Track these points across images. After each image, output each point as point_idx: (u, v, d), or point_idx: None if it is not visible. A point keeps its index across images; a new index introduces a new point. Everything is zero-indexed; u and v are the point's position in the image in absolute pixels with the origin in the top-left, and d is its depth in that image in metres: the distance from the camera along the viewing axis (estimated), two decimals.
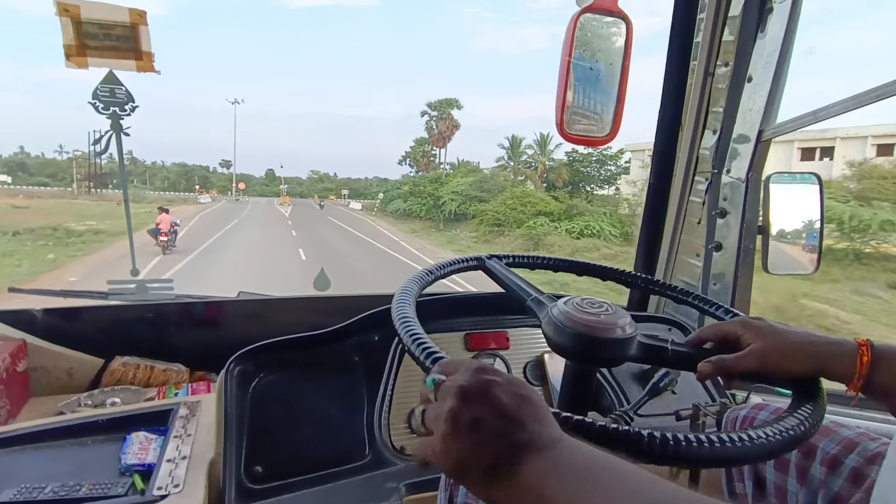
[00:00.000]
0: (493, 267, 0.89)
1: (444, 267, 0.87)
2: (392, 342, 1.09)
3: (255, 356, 0.99)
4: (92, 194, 38.75)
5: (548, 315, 0.73)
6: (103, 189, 46.17)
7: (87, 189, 41.86)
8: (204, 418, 1.02)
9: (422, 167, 48.12)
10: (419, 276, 0.83)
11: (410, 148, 51.50)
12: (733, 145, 1.30)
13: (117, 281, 1.45)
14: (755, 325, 0.68)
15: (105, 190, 46.43)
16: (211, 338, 1.45)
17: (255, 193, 71.77)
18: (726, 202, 1.32)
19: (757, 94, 1.24)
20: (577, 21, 1.29)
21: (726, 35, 1.30)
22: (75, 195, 40.56)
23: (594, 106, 1.42)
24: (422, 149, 49.64)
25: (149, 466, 0.88)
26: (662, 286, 0.96)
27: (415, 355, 0.61)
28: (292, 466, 0.93)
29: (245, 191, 67.87)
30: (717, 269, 1.35)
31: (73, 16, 1.17)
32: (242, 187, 64.76)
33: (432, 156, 50.33)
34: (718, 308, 0.86)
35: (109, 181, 52.51)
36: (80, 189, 42.91)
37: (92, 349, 1.32)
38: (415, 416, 0.49)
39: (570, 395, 0.78)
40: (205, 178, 71.89)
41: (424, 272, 0.84)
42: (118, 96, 1.34)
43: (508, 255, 0.94)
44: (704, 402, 1.07)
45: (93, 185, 43.41)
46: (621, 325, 0.70)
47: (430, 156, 49.86)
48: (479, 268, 0.91)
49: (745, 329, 0.69)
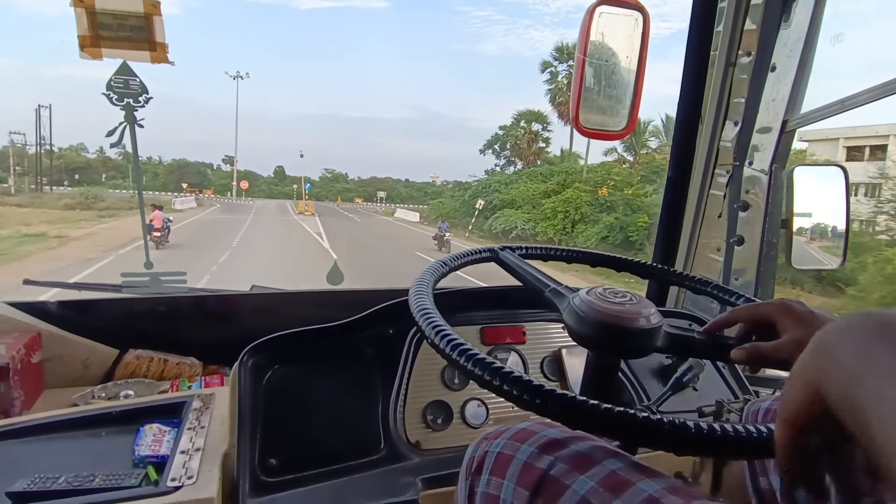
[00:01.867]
0: (507, 258, 0.87)
1: (458, 258, 0.85)
2: (407, 335, 1.08)
3: (269, 348, 0.97)
4: (35, 194, 31.14)
5: (569, 305, 0.71)
6: (57, 187, 37.85)
7: (35, 187, 34.35)
8: (217, 411, 1.01)
9: (528, 159, 34.81)
10: (434, 267, 0.81)
11: (507, 127, 36.19)
12: (756, 136, 1.27)
13: (131, 273, 1.45)
14: (796, 310, 0.62)
15: (60, 188, 37.56)
16: (224, 331, 1.44)
17: (261, 194, 60.85)
18: (748, 195, 1.29)
19: (781, 83, 1.21)
20: (592, 13, 1.27)
21: (748, 24, 1.27)
22: (11, 192, 31.32)
23: (610, 99, 1.40)
24: (527, 129, 34.52)
25: (162, 458, 0.87)
26: (679, 276, 0.94)
27: (438, 347, 0.60)
28: (307, 459, 0.92)
29: (249, 191, 56.81)
30: (738, 264, 1.32)
31: (88, 6, 1.17)
32: (245, 186, 52.79)
33: (545, 140, 35.01)
34: (739, 297, 0.84)
35: (67, 177, 43.31)
36: (21, 185, 33.82)
37: (106, 341, 1.32)
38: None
39: (592, 388, 0.76)
40: (202, 175, 60.76)
41: (439, 263, 0.82)
42: (132, 87, 1.33)
43: (521, 247, 0.92)
44: (727, 399, 1.04)
45: (44, 182, 36.02)
46: (646, 315, 0.68)
47: (542, 139, 34.79)
48: (492, 259, 0.89)
49: (783, 314, 0.62)
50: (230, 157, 62.75)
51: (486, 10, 74.09)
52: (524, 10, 75.95)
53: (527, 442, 0.64)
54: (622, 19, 1.30)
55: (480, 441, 0.70)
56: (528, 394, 0.51)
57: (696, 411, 1.04)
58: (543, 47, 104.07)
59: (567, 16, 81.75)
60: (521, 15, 70.61)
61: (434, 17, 68.33)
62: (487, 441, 0.69)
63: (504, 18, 76.48)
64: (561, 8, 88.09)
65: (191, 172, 59.02)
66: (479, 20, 70.33)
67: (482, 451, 0.68)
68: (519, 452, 0.63)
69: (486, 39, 73.18)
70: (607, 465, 0.58)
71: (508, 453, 0.64)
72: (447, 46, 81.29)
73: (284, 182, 65.59)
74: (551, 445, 0.62)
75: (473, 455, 0.69)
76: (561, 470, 0.59)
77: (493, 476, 0.63)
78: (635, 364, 1.17)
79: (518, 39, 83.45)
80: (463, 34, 68.30)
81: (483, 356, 0.56)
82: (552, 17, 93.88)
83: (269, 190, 64.00)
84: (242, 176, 60.08)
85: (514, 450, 0.64)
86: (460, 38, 70.33)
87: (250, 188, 58.15)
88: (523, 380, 0.52)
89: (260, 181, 66.30)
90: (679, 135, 1.44)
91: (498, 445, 0.66)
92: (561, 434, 0.64)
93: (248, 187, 55.59)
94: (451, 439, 1.03)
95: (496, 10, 75.21)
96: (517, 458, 0.62)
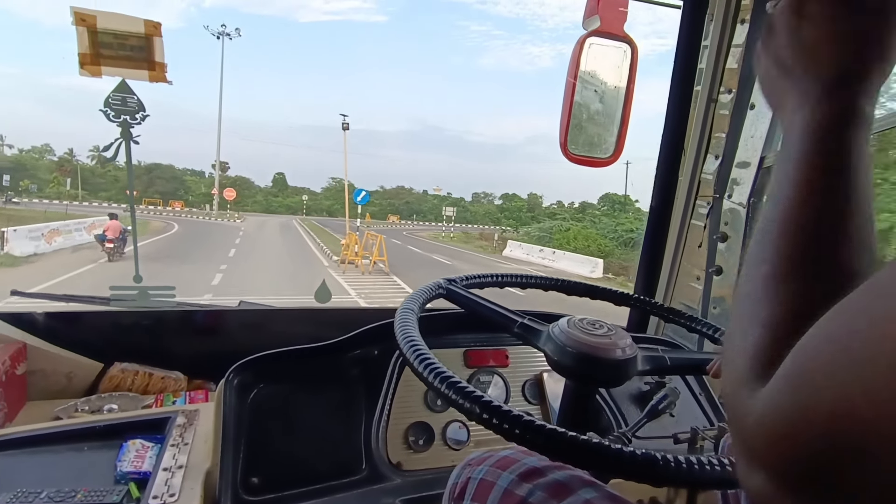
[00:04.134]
0: (455, 292, 0.84)
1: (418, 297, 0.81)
2: (392, 357, 1.10)
3: (255, 367, 0.99)
4: None
5: (548, 335, 0.74)
6: None
7: None
8: (201, 427, 1.01)
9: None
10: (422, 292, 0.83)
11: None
12: (735, 171, 1.32)
13: (120, 287, 1.46)
14: None
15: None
16: (210, 346, 1.45)
17: (256, 207, 48.92)
18: (727, 226, 1.33)
19: (759, 121, 1.26)
20: (583, 44, 1.32)
21: (730, 63, 1.32)
22: None
23: (598, 127, 1.44)
24: None
25: (144, 475, 0.88)
26: (652, 305, 0.99)
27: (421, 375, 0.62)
28: (289, 478, 0.93)
29: (238, 203, 43.18)
30: (717, 293, 1.35)
31: (90, 25, 1.20)
32: (231, 196, 35.71)
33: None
34: (706, 326, 0.89)
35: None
36: None
37: (91, 354, 1.32)
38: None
39: (570, 414, 0.79)
40: (177, 181, 49.12)
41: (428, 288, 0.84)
42: (130, 105, 1.36)
43: (475, 276, 0.91)
44: (703, 426, 1.07)
45: None
46: (622, 346, 0.72)
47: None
48: (441, 296, 0.85)
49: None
50: (223, 163, 48.34)
51: (486, 25, 74.98)
52: (522, 26, 76.91)
53: (508, 469, 0.67)
54: (611, 51, 1.35)
55: (464, 467, 0.73)
56: (478, 408, 0.54)
57: (672, 437, 1.07)
58: (541, 62, 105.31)
59: (564, 32, 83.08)
60: (519, 30, 71.47)
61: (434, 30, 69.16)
62: (470, 467, 0.71)
63: (503, 33, 77.41)
64: (559, 24, 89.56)
65: (163, 178, 47.27)
66: (479, 35, 71.08)
67: (465, 478, 0.70)
68: (500, 480, 0.66)
69: (485, 53, 73.92)
70: (583, 494, 0.61)
71: (490, 480, 0.66)
72: (447, 60, 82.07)
73: (286, 192, 54.42)
74: (531, 474, 0.65)
75: (456, 481, 0.72)
76: (539, 498, 0.61)
77: (475, 502, 0.66)
78: (615, 390, 1.19)
79: (516, 55, 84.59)
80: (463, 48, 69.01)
81: (448, 375, 0.58)
82: (550, 32, 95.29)
83: (267, 202, 51.47)
84: (230, 183, 45.24)
85: (496, 477, 0.66)
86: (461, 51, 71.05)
87: (241, 199, 45.67)
88: (483, 400, 0.54)
89: (255, 191, 54.24)
90: (662, 166, 1.49)
91: (480, 472, 0.69)
92: (540, 462, 0.67)
93: (237, 198, 39.57)
94: (433, 460, 1.05)
95: (495, 25, 76.11)
96: (498, 484, 0.65)
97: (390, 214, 46.49)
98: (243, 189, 48.28)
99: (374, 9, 64.58)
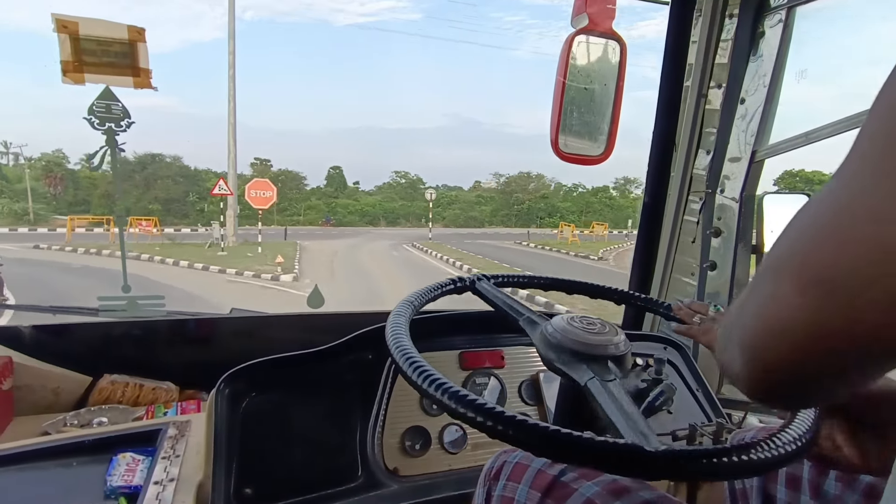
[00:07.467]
0: (482, 288, 0.89)
1: (434, 290, 0.85)
2: (386, 361, 1.08)
3: (247, 375, 0.97)
4: None
5: (541, 333, 0.73)
6: None
7: None
8: (193, 439, 0.99)
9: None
10: (412, 298, 0.82)
11: None
12: (727, 165, 1.32)
13: (108, 297, 1.44)
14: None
15: None
16: (202, 356, 1.43)
17: (312, 216, 30.53)
18: (720, 221, 1.33)
19: (750, 115, 1.26)
20: (571, 42, 1.31)
21: (719, 58, 1.32)
22: None
23: (588, 125, 1.44)
24: None
25: (135, 489, 0.85)
26: (646, 300, 0.97)
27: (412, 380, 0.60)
28: (283, 488, 0.91)
29: (284, 210, 29.07)
30: (711, 288, 1.35)
31: (72, 32, 1.18)
32: (267, 201, 15.72)
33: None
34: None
35: None
36: None
37: (81, 366, 1.30)
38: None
39: (566, 413, 0.78)
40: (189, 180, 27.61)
41: (418, 294, 0.83)
42: (114, 112, 1.34)
43: (497, 276, 0.93)
44: (701, 423, 1.06)
45: None
46: (615, 343, 0.71)
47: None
48: (468, 289, 0.89)
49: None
50: (264, 160, 33.26)
51: (520, 15, 73.55)
52: (557, 12, 75.07)
53: None
54: (601, 48, 1.35)
55: (499, 454, 0.81)
56: (466, 408, 0.53)
57: (670, 434, 1.06)
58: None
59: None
60: (554, 17, 69.92)
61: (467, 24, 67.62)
62: (506, 454, 0.79)
63: (537, 21, 75.83)
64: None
65: (166, 177, 27.81)
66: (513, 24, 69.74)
67: (500, 462, 0.78)
68: (534, 462, 0.73)
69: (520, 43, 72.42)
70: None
71: (524, 463, 0.74)
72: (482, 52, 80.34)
73: (345, 192, 36.32)
74: None
75: (492, 465, 0.79)
76: (570, 477, 0.69)
77: (510, 481, 0.73)
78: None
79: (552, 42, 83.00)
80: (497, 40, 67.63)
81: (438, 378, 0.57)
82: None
83: (325, 203, 32.68)
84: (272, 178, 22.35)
85: (530, 460, 0.74)
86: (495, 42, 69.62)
87: (286, 203, 30.02)
88: (476, 403, 0.53)
89: (289, 191, 31.75)
90: (654, 162, 1.48)
91: (515, 457, 0.76)
92: None
93: (274, 202, 17.83)
94: (430, 465, 1.03)
95: (529, 14, 74.64)
96: (532, 466, 0.73)
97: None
98: (290, 188, 32.18)
99: (408, 7, 63.75)
